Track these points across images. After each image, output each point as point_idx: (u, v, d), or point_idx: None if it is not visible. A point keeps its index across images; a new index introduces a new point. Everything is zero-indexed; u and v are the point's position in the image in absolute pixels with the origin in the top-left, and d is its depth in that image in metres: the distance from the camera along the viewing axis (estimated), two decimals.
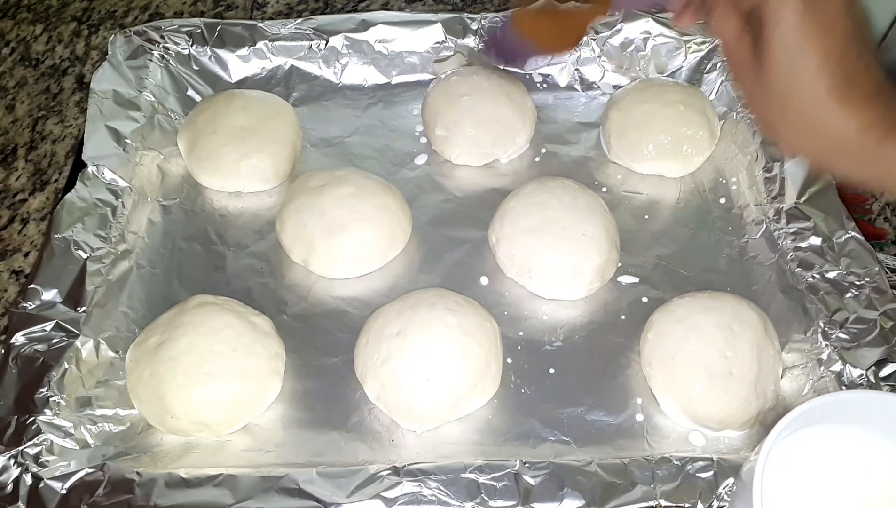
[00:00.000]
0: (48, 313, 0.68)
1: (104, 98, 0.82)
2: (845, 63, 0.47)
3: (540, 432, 0.67)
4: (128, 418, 0.67)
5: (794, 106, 0.49)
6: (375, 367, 0.67)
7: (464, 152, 0.85)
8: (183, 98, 0.90)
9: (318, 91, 0.92)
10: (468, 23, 0.92)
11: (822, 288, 0.71)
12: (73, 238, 0.73)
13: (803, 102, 0.48)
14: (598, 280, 0.75)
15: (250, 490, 0.60)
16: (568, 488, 0.60)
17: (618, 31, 0.92)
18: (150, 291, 0.75)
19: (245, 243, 0.79)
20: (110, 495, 0.59)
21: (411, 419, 0.66)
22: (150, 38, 0.89)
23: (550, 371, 0.71)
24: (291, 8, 1.05)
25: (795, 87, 0.48)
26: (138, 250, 0.77)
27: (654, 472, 0.61)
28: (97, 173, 0.77)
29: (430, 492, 0.60)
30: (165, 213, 0.81)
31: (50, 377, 0.64)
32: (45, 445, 0.61)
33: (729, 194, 0.85)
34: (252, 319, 0.70)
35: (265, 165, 0.82)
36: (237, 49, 0.91)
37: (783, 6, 0.47)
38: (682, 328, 0.68)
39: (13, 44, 0.99)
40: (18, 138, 0.90)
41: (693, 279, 0.77)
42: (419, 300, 0.70)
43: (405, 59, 0.93)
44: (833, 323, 0.69)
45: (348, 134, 0.89)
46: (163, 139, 0.85)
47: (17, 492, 0.59)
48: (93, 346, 0.68)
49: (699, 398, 0.66)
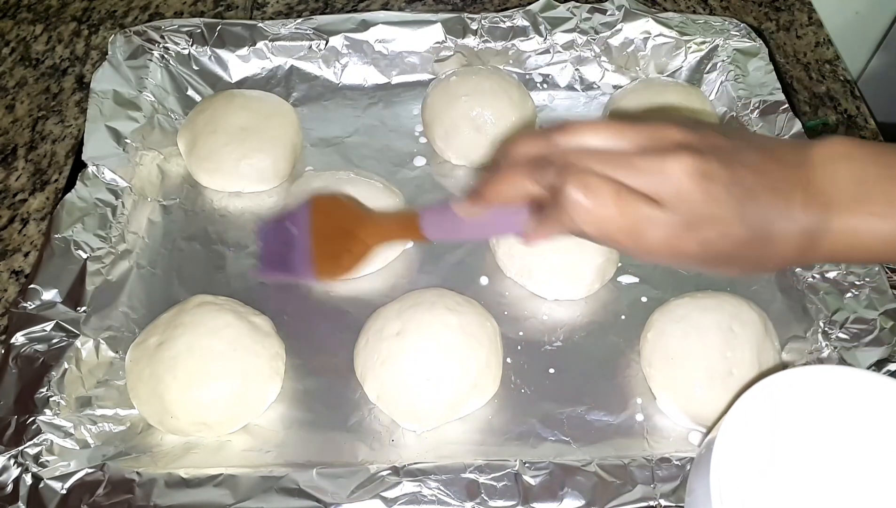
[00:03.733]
0: (48, 313, 0.68)
1: (104, 98, 0.82)
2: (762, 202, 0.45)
3: (540, 432, 0.67)
4: (128, 418, 0.67)
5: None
6: (375, 367, 0.67)
7: (464, 154, 0.85)
8: (183, 98, 0.90)
9: (318, 91, 0.92)
10: (468, 23, 0.92)
11: (823, 288, 0.71)
12: (74, 238, 0.73)
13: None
14: (599, 280, 0.75)
15: (250, 490, 0.60)
16: (568, 488, 0.60)
17: (618, 31, 0.92)
18: (150, 291, 0.75)
19: (245, 243, 0.79)
20: (110, 495, 0.59)
21: (411, 419, 0.66)
22: (150, 38, 0.89)
23: (550, 371, 0.71)
24: (291, 8, 1.05)
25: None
26: (138, 250, 0.77)
27: (654, 472, 0.61)
28: (97, 173, 0.77)
29: (430, 492, 0.60)
30: (165, 213, 0.81)
31: (50, 377, 0.64)
32: (45, 445, 0.61)
33: None
34: (252, 319, 0.70)
35: (265, 165, 0.82)
36: (237, 49, 0.91)
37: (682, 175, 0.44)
38: (682, 327, 0.68)
39: (13, 44, 0.99)
40: (18, 138, 0.90)
41: (693, 280, 0.77)
42: (419, 300, 0.70)
43: (405, 59, 0.93)
44: (833, 323, 0.69)
45: (348, 134, 0.89)
46: (163, 139, 0.85)
47: (17, 492, 0.59)
48: (93, 346, 0.68)
49: (699, 398, 0.66)
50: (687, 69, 0.93)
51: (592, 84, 0.94)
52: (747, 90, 0.87)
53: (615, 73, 0.94)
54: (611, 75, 0.94)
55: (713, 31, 0.92)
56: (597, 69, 0.94)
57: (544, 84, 0.94)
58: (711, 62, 0.92)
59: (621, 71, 0.94)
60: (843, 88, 1.00)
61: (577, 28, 0.93)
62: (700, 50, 0.92)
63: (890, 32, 1.06)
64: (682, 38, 0.92)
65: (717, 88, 0.91)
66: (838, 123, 0.95)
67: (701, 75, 0.92)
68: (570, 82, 0.94)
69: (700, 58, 0.92)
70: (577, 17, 0.93)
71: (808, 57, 1.03)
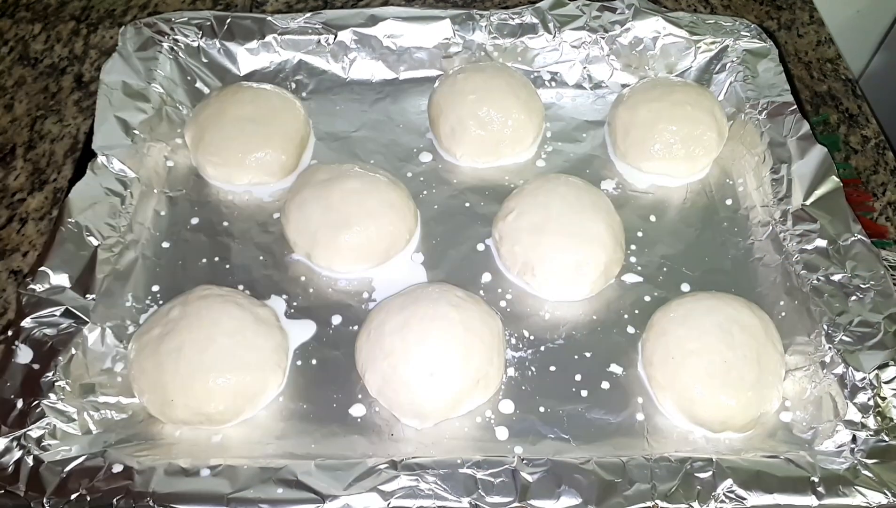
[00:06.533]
0: (58, 298, 0.68)
1: (113, 89, 0.83)
2: None
3: (540, 429, 0.67)
4: (130, 406, 0.67)
5: None
6: (377, 361, 0.67)
7: (469, 151, 0.85)
8: (191, 90, 0.90)
9: (326, 85, 0.93)
10: (477, 19, 0.92)
11: (827, 291, 0.71)
12: (86, 224, 0.73)
13: None
14: (603, 279, 0.75)
15: (249, 481, 0.60)
16: (565, 486, 0.60)
17: (627, 29, 0.92)
18: (155, 281, 0.76)
19: (250, 235, 0.80)
20: (109, 481, 0.59)
21: (412, 415, 0.66)
22: (160, 30, 0.89)
23: (551, 369, 0.71)
24: (291, 7, 1.05)
25: None
26: (144, 240, 0.78)
27: (653, 471, 0.61)
28: (106, 163, 0.78)
29: (427, 486, 0.60)
30: (171, 204, 0.82)
31: (57, 361, 0.65)
32: (49, 429, 0.62)
33: (735, 195, 0.84)
34: (256, 310, 0.70)
35: (271, 158, 0.82)
36: (246, 42, 0.91)
37: None
38: (683, 328, 0.68)
39: (11, 43, 1.00)
40: (17, 138, 0.90)
41: (697, 280, 0.77)
42: (422, 295, 0.69)
43: (413, 54, 0.93)
44: (837, 326, 0.68)
45: (355, 129, 0.89)
46: (170, 131, 0.86)
47: (17, 473, 0.59)
48: (98, 334, 0.69)
49: (699, 399, 0.65)
50: (696, 69, 0.93)
51: (601, 83, 0.94)
52: (756, 91, 0.87)
53: (624, 71, 0.93)
54: (619, 74, 0.94)
55: (723, 32, 0.92)
56: (606, 68, 0.93)
57: (552, 82, 0.94)
58: (721, 63, 0.91)
59: (630, 70, 0.93)
60: (844, 87, 0.99)
61: (586, 26, 0.92)
62: (710, 50, 0.92)
63: (891, 31, 1.06)
64: (692, 38, 0.92)
65: (725, 88, 0.90)
66: (839, 121, 0.95)
67: (710, 76, 0.92)
68: (579, 81, 0.94)
69: (710, 58, 0.92)
70: (586, 15, 0.93)
71: (809, 56, 1.02)
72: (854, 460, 0.62)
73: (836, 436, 0.64)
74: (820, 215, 0.75)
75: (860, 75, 1.38)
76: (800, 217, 0.76)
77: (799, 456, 0.62)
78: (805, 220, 0.76)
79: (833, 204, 0.76)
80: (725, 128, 0.86)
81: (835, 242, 0.73)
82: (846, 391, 0.65)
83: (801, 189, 0.77)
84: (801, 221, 0.76)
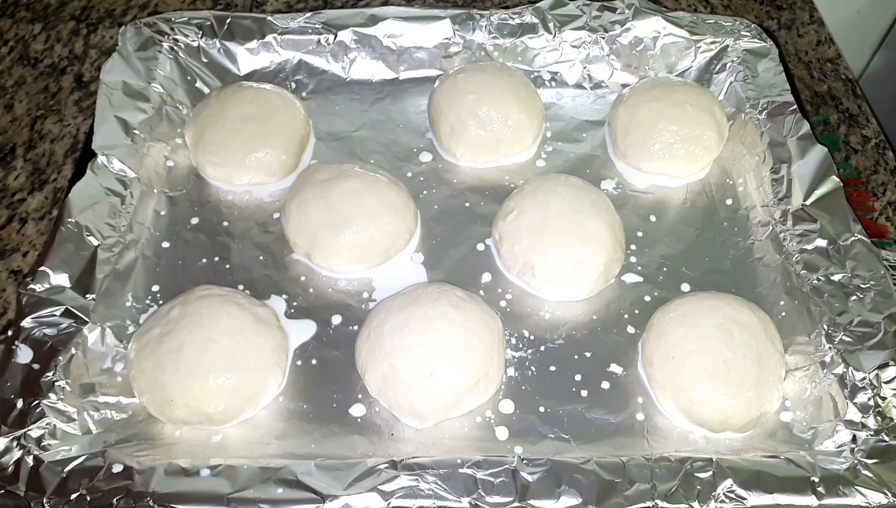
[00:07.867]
0: (58, 298, 0.68)
1: (113, 89, 0.83)
2: None
3: (539, 429, 0.67)
4: (129, 406, 0.67)
5: None
6: (377, 361, 0.67)
7: (469, 150, 0.85)
8: (191, 90, 0.90)
9: (326, 85, 0.93)
10: (477, 18, 0.92)
11: (827, 290, 0.71)
12: (86, 224, 0.73)
13: None
14: (603, 279, 0.75)
15: (248, 481, 0.60)
16: (565, 486, 0.60)
17: (627, 29, 0.92)
18: (155, 281, 0.76)
19: (250, 235, 0.80)
20: (109, 480, 0.59)
21: (412, 415, 0.66)
22: (160, 30, 0.89)
23: (551, 369, 0.71)
24: (291, 7, 1.05)
25: None
26: (144, 240, 0.78)
27: (653, 471, 0.61)
28: (106, 163, 0.78)
29: (427, 486, 0.60)
30: (171, 204, 0.82)
31: (57, 361, 0.65)
32: (49, 429, 0.62)
33: (736, 194, 0.84)
34: (256, 310, 0.70)
35: (271, 158, 0.82)
36: (246, 42, 0.91)
37: None
38: (683, 328, 0.68)
39: (11, 43, 1.00)
40: (17, 138, 0.90)
41: (698, 280, 0.77)
42: (422, 295, 0.69)
43: (413, 54, 0.93)
44: (837, 326, 0.68)
45: (355, 129, 0.89)
46: (170, 131, 0.86)
47: (17, 473, 0.59)
48: (98, 333, 0.69)
49: (699, 399, 0.65)
50: (696, 69, 0.93)
51: (601, 82, 0.94)
52: (756, 91, 0.87)
53: (624, 71, 0.93)
54: (619, 74, 0.94)
55: (723, 32, 0.92)
56: (606, 67, 0.94)
57: (552, 82, 0.94)
58: (721, 62, 0.91)
59: (630, 70, 0.93)
60: (844, 87, 0.99)
61: (586, 26, 0.92)
62: (710, 50, 0.92)
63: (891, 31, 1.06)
64: (692, 38, 0.92)
65: (725, 88, 0.90)
66: (839, 121, 0.95)
67: (710, 75, 0.92)
68: (579, 80, 0.94)
69: (710, 58, 0.92)
70: (586, 15, 0.93)
71: (809, 55, 1.02)
72: (854, 460, 0.62)
73: (836, 436, 0.64)
74: (820, 214, 0.75)
75: (860, 75, 1.39)
76: (800, 217, 0.76)
77: (799, 456, 0.62)
78: (805, 220, 0.76)
79: (833, 204, 0.76)
80: (725, 128, 0.86)
81: (835, 242, 0.73)
82: (846, 391, 0.65)
83: (802, 189, 0.77)
84: (801, 221, 0.76)
